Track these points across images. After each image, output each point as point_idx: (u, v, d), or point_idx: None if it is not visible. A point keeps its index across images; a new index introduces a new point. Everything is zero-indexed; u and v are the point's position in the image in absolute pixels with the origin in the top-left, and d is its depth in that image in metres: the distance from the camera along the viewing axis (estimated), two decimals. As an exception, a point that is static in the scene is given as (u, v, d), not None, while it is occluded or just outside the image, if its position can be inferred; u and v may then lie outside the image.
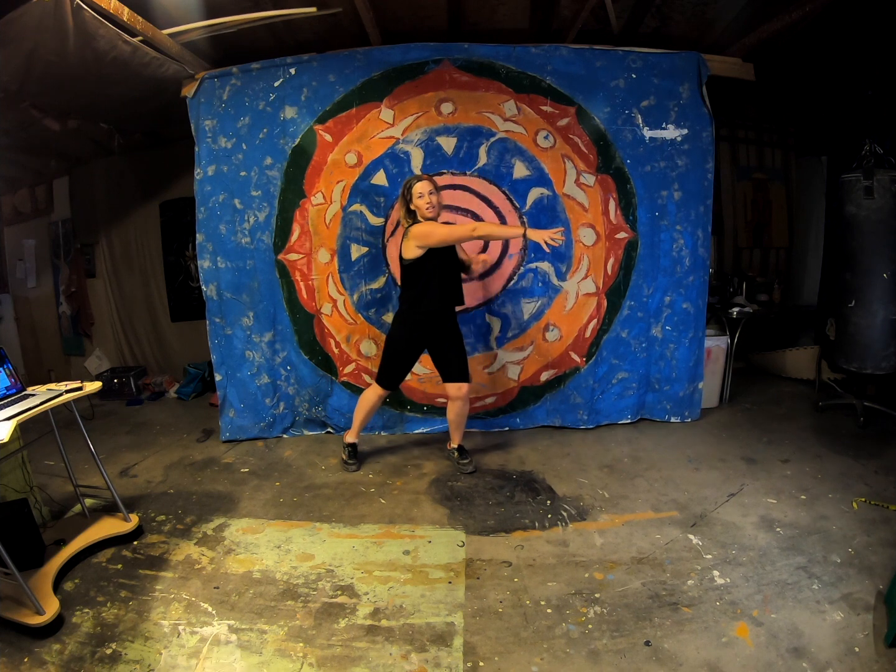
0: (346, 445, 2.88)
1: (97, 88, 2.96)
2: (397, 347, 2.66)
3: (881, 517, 2.15)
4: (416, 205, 2.50)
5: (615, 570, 1.94)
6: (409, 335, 2.62)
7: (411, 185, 2.51)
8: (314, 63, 2.99)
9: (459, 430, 2.80)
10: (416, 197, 2.49)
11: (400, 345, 2.65)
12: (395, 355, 2.66)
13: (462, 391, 2.65)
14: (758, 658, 1.51)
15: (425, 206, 2.48)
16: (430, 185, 2.50)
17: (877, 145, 2.80)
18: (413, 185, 2.50)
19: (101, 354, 4.82)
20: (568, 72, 2.99)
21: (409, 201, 2.52)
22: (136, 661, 1.59)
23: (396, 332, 2.66)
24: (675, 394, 3.28)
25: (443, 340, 2.65)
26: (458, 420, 2.75)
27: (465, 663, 1.55)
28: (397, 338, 2.65)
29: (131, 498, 2.58)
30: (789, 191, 4.47)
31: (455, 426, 2.79)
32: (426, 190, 2.48)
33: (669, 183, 3.07)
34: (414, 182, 2.51)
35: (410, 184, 2.51)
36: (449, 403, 2.74)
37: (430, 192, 2.48)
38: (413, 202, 2.51)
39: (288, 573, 1.99)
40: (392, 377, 2.70)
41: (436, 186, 2.52)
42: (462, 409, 2.71)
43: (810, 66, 3.44)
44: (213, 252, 3.14)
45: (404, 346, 2.65)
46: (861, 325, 2.82)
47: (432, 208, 2.49)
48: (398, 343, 2.65)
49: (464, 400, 2.68)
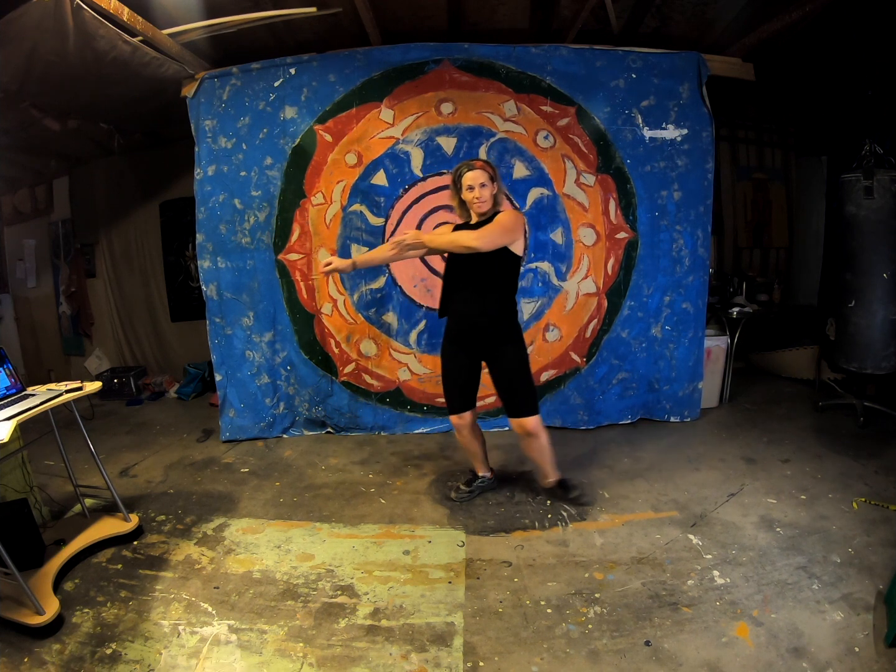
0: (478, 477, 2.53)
1: (97, 88, 2.96)
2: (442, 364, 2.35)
3: (881, 517, 2.15)
4: (465, 198, 2.16)
5: (615, 570, 1.94)
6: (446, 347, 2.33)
7: (461, 173, 2.13)
8: (314, 63, 2.99)
9: (545, 463, 2.36)
10: (465, 189, 2.13)
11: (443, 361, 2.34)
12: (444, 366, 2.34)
13: (525, 427, 2.21)
14: (758, 658, 1.51)
15: (474, 201, 2.12)
16: (482, 176, 2.09)
17: (877, 145, 2.80)
18: (463, 173, 2.12)
19: (101, 354, 4.82)
20: (568, 72, 2.99)
21: (460, 191, 2.17)
22: (136, 661, 1.59)
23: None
24: (674, 394, 3.28)
25: (488, 357, 2.25)
26: (537, 457, 2.35)
27: (465, 663, 1.55)
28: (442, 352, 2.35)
29: (131, 498, 2.58)
30: (789, 191, 4.47)
31: (539, 462, 2.38)
32: (477, 182, 2.09)
33: (669, 183, 3.07)
34: (464, 171, 2.12)
35: (460, 172, 2.14)
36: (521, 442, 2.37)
37: (482, 184, 2.09)
38: (462, 193, 2.16)
39: (288, 573, 1.99)
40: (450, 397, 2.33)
41: (491, 177, 2.12)
42: (534, 444, 2.27)
43: (810, 66, 3.43)
44: (213, 252, 3.14)
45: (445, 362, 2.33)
46: (861, 325, 2.82)
47: (481, 203, 2.11)
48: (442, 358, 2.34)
49: (533, 435, 2.22)
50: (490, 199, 2.13)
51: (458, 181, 2.15)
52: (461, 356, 2.27)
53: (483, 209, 2.13)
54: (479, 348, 2.24)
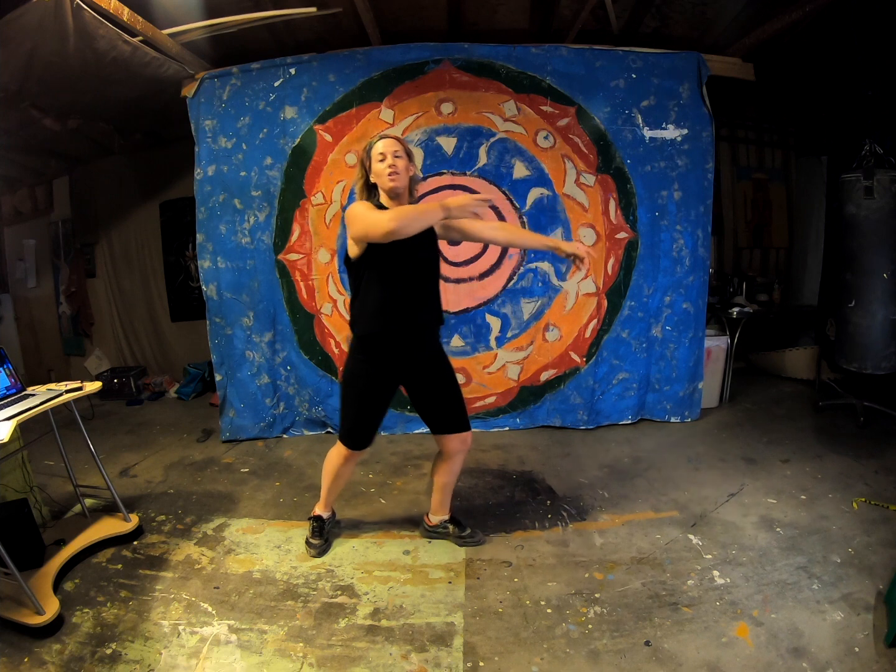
0: (312, 519, 2.14)
1: (97, 88, 2.96)
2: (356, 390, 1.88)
3: (881, 517, 2.15)
4: (375, 171, 1.73)
5: (615, 570, 1.94)
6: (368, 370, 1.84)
7: (371, 144, 1.76)
8: (314, 63, 2.99)
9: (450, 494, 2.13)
10: (375, 161, 1.72)
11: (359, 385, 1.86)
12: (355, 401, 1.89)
13: (468, 442, 1.98)
14: (758, 658, 1.51)
15: (386, 173, 1.70)
16: (397, 145, 1.73)
17: (877, 145, 2.80)
18: (374, 143, 1.75)
19: (101, 354, 4.82)
20: (568, 72, 2.98)
21: (369, 169, 1.76)
22: (136, 661, 1.59)
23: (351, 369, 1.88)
24: (675, 394, 3.28)
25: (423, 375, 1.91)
26: (452, 482, 2.08)
27: (465, 663, 1.55)
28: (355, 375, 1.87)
29: (131, 498, 2.58)
30: (789, 191, 4.48)
31: (448, 491, 2.10)
32: (390, 150, 1.70)
33: (669, 183, 3.07)
34: (374, 140, 1.76)
35: (370, 143, 1.77)
36: (444, 463, 2.01)
37: (396, 153, 1.71)
38: (372, 170, 1.74)
39: (288, 573, 1.99)
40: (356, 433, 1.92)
41: (407, 152, 1.76)
42: (459, 467, 2.05)
43: (810, 66, 3.43)
44: (213, 252, 3.14)
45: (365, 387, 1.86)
46: (861, 325, 2.82)
47: (395, 176, 1.70)
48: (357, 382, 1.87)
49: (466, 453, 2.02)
50: (405, 174, 1.74)
51: (367, 154, 1.75)
52: (394, 381, 1.90)
53: (398, 183, 1.71)
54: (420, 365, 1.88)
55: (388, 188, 1.73)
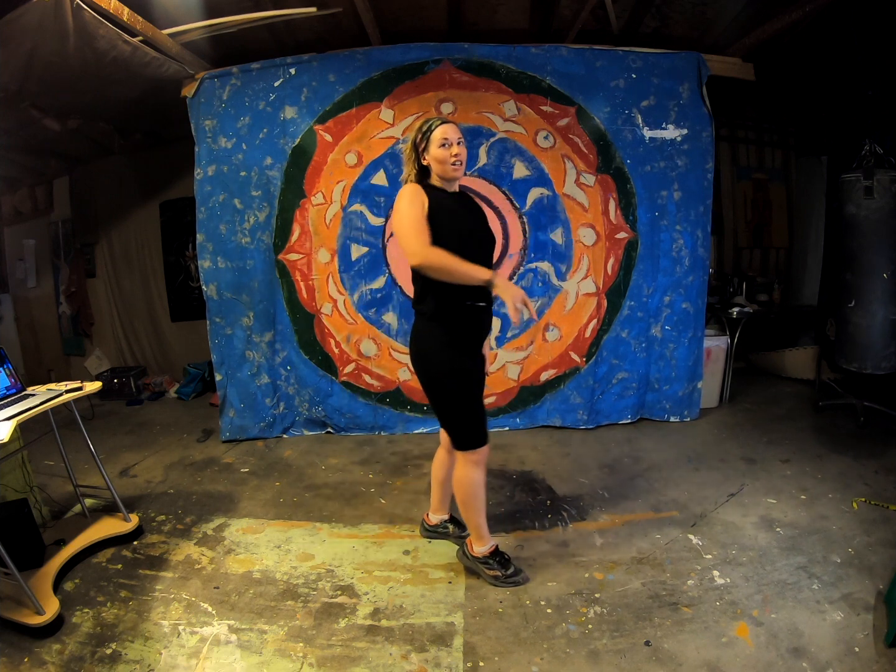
0: (486, 560, 1.88)
1: (97, 88, 2.96)
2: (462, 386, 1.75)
3: (881, 517, 2.15)
4: (435, 156, 1.67)
5: (615, 570, 1.94)
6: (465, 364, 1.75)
7: (432, 126, 1.68)
8: (314, 63, 2.99)
9: (450, 492, 2.02)
10: (435, 145, 1.66)
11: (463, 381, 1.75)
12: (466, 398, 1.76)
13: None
14: (758, 658, 1.51)
15: (451, 161, 1.66)
16: (459, 132, 1.69)
17: (877, 145, 2.80)
18: (436, 126, 1.67)
19: (101, 354, 4.82)
20: (568, 72, 2.99)
21: (425, 150, 1.69)
22: (136, 661, 1.59)
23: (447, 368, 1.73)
24: (674, 393, 3.28)
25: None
26: (451, 478, 1.93)
27: (465, 663, 1.55)
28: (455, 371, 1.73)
29: (131, 498, 2.58)
30: (789, 191, 4.48)
31: (447, 488, 2.03)
32: (454, 136, 1.66)
33: (669, 183, 3.07)
34: (437, 123, 1.68)
35: (431, 125, 1.68)
36: (446, 458, 1.99)
37: (460, 140, 1.68)
38: (430, 151, 1.68)
39: (288, 573, 1.99)
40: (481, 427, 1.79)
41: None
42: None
43: (810, 66, 3.43)
44: (213, 252, 3.14)
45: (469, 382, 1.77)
46: (861, 325, 2.82)
47: (461, 165, 1.68)
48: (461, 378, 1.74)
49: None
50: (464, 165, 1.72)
51: (424, 136, 1.68)
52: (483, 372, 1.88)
53: (460, 173, 1.70)
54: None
55: (450, 177, 1.70)
